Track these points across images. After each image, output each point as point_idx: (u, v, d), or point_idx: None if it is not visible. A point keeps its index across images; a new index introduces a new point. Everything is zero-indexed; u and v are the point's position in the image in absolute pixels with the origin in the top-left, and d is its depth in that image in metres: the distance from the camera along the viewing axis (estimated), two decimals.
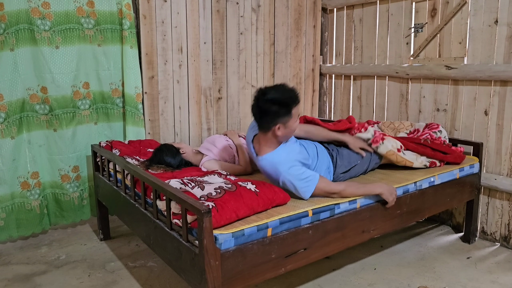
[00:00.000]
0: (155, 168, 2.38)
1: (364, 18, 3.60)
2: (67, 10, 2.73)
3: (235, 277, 1.66)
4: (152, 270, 2.48)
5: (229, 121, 3.54)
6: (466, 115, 2.93)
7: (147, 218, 2.02)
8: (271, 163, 2.08)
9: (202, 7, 3.25)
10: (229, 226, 1.70)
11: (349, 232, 2.07)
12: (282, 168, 2.04)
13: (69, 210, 2.94)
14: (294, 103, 2.03)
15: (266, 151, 2.11)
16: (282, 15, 3.70)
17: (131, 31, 2.92)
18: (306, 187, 2.01)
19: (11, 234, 2.76)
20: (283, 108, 2.00)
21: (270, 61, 3.70)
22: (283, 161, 2.05)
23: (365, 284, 2.32)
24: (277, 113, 2.00)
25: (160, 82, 3.14)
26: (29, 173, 2.77)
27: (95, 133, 2.98)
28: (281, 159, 2.06)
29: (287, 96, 2.01)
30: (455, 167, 2.61)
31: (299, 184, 2.01)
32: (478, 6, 2.77)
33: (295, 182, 2.01)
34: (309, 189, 2.02)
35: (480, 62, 2.80)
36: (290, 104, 2.01)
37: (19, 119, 2.69)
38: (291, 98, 2.02)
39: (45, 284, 2.33)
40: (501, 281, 2.35)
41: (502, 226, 2.80)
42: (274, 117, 2.01)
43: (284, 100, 2.00)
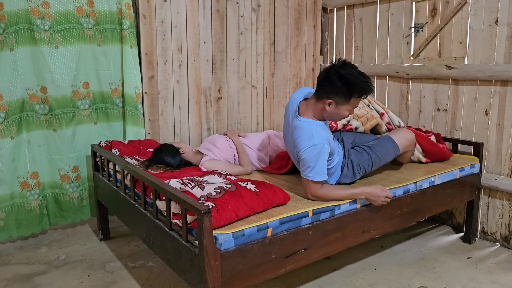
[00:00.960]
0: (155, 168, 2.38)
1: (364, 18, 3.60)
2: (67, 10, 2.73)
3: (235, 277, 1.66)
4: (152, 270, 2.47)
5: (229, 121, 3.54)
6: (466, 115, 2.93)
7: (146, 218, 2.02)
8: (307, 130, 2.04)
9: (202, 7, 3.25)
10: (229, 226, 1.70)
11: (349, 232, 2.06)
12: (311, 141, 2.00)
13: (68, 210, 2.93)
14: (358, 93, 2.00)
15: (309, 116, 2.10)
16: (282, 14, 3.70)
17: (131, 31, 2.92)
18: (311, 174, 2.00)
19: (10, 234, 2.75)
20: (345, 89, 1.98)
21: (270, 61, 3.70)
22: (316, 136, 2.01)
23: (365, 284, 2.31)
24: (337, 89, 1.99)
25: (160, 82, 3.14)
26: (29, 173, 2.76)
27: (95, 133, 2.98)
28: (317, 133, 2.03)
29: (357, 83, 1.97)
30: (455, 167, 2.61)
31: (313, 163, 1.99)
32: (478, 6, 2.76)
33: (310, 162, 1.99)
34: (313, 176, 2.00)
35: (480, 62, 2.79)
36: (354, 91, 1.98)
37: (18, 119, 2.69)
38: (358, 87, 1.98)
39: (45, 284, 2.33)
40: (502, 281, 2.34)
41: (503, 226, 2.80)
42: (332, 91, 2.00)
43: (351, 84, 1.97)
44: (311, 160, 2.01)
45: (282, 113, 3.86)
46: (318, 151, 2.00)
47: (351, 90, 1.99)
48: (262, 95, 3.70)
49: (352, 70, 2.00)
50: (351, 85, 1.97)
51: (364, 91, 2.01)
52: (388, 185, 2.26)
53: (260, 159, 2.67)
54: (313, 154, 2.01)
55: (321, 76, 2.05)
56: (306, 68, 3.95)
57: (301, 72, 3.92)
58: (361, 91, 2.00)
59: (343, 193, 2.07)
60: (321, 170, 2.02)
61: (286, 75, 3.82)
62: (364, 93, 2.01)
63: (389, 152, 2.39)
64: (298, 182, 2.40)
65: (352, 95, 2.00)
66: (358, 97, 2.02)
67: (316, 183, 2.03)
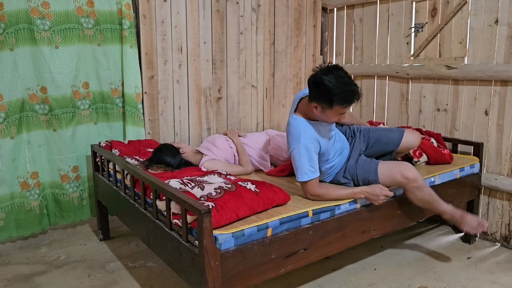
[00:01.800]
0: (155, 168, 2.38)
1: (364, 17, 3.60)
2: (67, 10, 2.73)
3: (235, 277, 1.66)
4: (152, 270, 2.47)
5: (229, 121, 3.53)
6: (466, 115, 2.93)
7: (146, 218, 2.02)
8: (296, 127, 2.09)
9: (202, 7, 3.25)
10: (229, 226, 1.70)
11: (349, 232, 2.06)
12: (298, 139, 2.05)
13: (68, 210, 2.93)
14: (338, 102, 1.95)
15: (302, 114, 2.14)
16: (282, 14, 3.70)
17: (131, 31, 2.92)
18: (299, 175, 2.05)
19: (10, 234, 2.75)
20: (326, 97, 1.96)
21: (270, 61, 3.70)
22: (303, 135, 2.05)
23: (365, 284, 2.31)
24: (319, 96, 1.99)
25: (160, 82, 3.14)
26: (29, 173, 2.76)
27: (95, 133, 2.98)
28: (305, 132, 2.06)
29: (336, 92, 1.93)
30: (455, 167, 2.61)
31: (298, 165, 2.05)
32: (478, 6, 2.76)
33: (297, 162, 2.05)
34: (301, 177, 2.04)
35: (480, 62, 2.79)
36: (333, 100, 1.95)
37: (18, 119, 2.69)
38: (337, 96, 1.93)
39: (45, 284, 2.33)
40: (502, 282, 2.34)
41: (503, 226, 2.80)
42: (315, 96, 2.01)
43: (331, 93, 1.93)
44: (298, 161, 2.04)
45: (282, 113, 3.86)
46: (304, 150, 2.03)
47: (332, 99, 1.95)
48: (262, 95, 3.70)
49: (334, 78, 1.94)
50: (330, 94, 1.94)
51: (345, 101, 1.96)
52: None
53: (260, 159, 2.67)
54: (299, 153, 2.04)
55: (309, 79, 2.04)
56: (306, 68, 3.95)
57: (301, 72, 3.92)
58: (341, 100, 1.95)
59: (342, 192, 2.07)
60: (307, 169, 2.03)
61: (286, 75, 3.82)
62: (344, 102, 1.97)
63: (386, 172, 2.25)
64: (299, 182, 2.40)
65: (333, 103, 1.96)
66: (340, 105, 1.97)
67: (308, 183, 2.03)
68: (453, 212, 2.23)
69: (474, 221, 2.20)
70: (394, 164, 2.20)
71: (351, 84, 1.98)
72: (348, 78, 1.99)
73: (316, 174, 2.05)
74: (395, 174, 2.13)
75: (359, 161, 2.29)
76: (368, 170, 2.21)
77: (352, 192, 2.07)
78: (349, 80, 1.98)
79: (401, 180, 2.12)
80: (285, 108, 3.87)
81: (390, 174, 2.14)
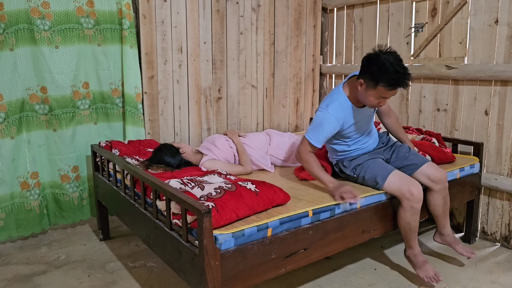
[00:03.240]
0: (155, 168, 2.38)
1: (364, 17, 3.60)
2: (67, 10, 2.73)
3: (235, 277, 1.66)
4: (152, 270, 2.47)
5: (229, 121, 3.53)
6: (466, 115, 2.93)
7: (147, 218, 2.02)
8: (334, 97, 2.19)
9: (202, 7, 3.25)
10: (229, 226, 1.70)
11: (349, 232, 2.06)
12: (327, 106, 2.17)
13: (68, 210, 2.93)
14: (385, 81, 1.95)
15: (347, 91, 2.20)
16: (282, 14, 3.70)
17: (131, 31, 2.92)
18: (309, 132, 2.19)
19: (10, 234, 2.75)
20: (375, 73, 1.97)
21: (270, 61, 3.70)
22: (334, 107, 2.14)
23: (365, 284, 2.31)
24: (368, 70, 2.01)
25: (160, 82, 3.14)
26: (29, 173, 2.76)
27: (95, 133, 2.98)
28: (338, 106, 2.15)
29: (387, 70, 1.94)
30: (455, 167, 2.61)
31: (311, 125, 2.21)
32: (478, 6, 2.76)
33: (314, 122, 2.20)
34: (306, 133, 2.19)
35: (480, 62, 2.79)
36: (381, 78, 1.96)
37: (18, 119, 2.69)
38: (386, 75, 1.94)
39: (45, 284, 2.33)
40: (502, 281, 2.34)
41: (503, 226, 2.80)
42: (365, 71, 2.04)
43: (382, 69, 1.95)
44: (313, 122, 2.19)
45: (282, 113, 3.86)
46: (324, 119, 2.15)
47: (379, 76, 1.96)
48: (262, 95, 3.70)
49: (392, 57, 1.97)
50: (381, 70, 1.95)
51: (391, 82, 1.96)
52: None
53: (260, 159, 2.67)
54: (319, 118, 2.17)
55: (364, 57, 2.08)
56: (306, 68, 3.95)
57: (301, 72, 3.92)
58: (388, 80, 1.95)
59: (320, 174, 2.17)
60: (318, 134, 2.15)
61: (286, 75, 3.82)
62: (390, 84, 1.97)
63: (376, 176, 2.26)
64: (299, 182, 2.41)
65: (379, 82, 1.97)
66: (385, 86, 1.97)
67: (305, 142, 2.17)
68: (419, 254, 2.26)
69: (431, 271, 2.20)
70: (407, 178, 2.18)
71: (405, 69, 1.98)
72: (404, 65, 1.99)
73: (317, 144, 2.16)
74: (403, 186, 2.12)
75: (376, 162, 2.28)
76: (381, 171, 2.21)
77: (323, 180, 2.15)
78: (404, 66, 1.98)
79: (406, 194, 2.11)
80: (285, 108, 3.87)
81: (400, 184, 2.13)
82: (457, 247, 2.38)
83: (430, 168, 2.27)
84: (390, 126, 2.55)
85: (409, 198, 2.10)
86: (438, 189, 2.27)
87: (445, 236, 2.41)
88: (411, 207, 2.12)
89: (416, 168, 2.28)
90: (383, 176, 2.18)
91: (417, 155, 2.39)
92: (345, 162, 2.36)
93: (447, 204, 2.35)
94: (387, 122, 2.55)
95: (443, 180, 2.28)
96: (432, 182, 2.26)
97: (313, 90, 4.05)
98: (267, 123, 3.78)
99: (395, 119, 2.55)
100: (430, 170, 2.27)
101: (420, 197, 2.12)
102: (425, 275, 2.20)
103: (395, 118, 2.56)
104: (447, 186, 2.32)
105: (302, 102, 3.98)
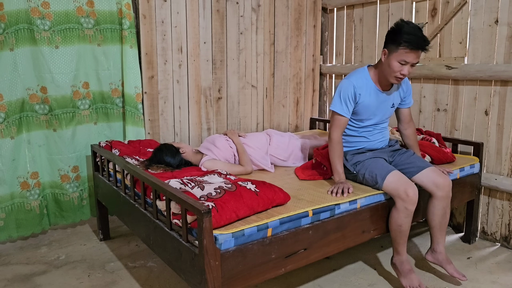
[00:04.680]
0: (155, 168, 2.38)
1: (364, 17, 3.60)
2: (67, 10, 2.73)
3: (235, 277, 1.66)
4: (152, 270, 2.47)
5: (229, 121, 3.53)
6: (466, 115, 2.93)
7: (147, 218, 2.02)
8: (358, 70, 2.33)
9: (202, 7, 3.25)
10: (229, 226, 1.70)
11: (349, 232, 2.06)
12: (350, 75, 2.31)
13: (68, 210, 2.93)
14: (406, 41, 2.05)
15: (372, 71, 2.31)
16: (282, 14, 3.70)
17: (131, 31, 2.92)
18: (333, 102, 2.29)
19: (10, 234, 2.75)
20: (396, 34, 2.08)
21: (270, 61, 3.70)
22: (357, 78, 2.27)
23: (365, 284, 2.31)
24: (391, 34, 2.13)
25: (160, 82, 3.14)
26: (29, 173, 2.76)
27: (95, 133, 2.98)
28: (360, 78, 2.27)
29: (408, 31, 2.05)
30: (455, 167, 2.61)
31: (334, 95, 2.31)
32: (478, 6, 2.76)
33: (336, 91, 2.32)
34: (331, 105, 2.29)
35: (480, 62, 2.79)
36: (403, 37, 2.06)
37: (18, 119, 2.69)
38: (407, 34, 2.04)
39: (45, 284, 2.33)
40: (502, 281, 2.34)
41: (503, 226, 2.80)
42: (389, 37, 2.16)
43: (403, 29, 2.06)
44: (336, 91, 2.30)
45: (282, 113, 3.86)
46: (344, 84, 2.27)
47: (402, 37, 2.05)
48: (262, 95, 3.70)
49: (414, 24, 2.09)
50: (402, 31, 2.06)
51: (413, 43, 2.04)
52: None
53: (260, 159, 2.67)
54: (340, 84, 2.29)
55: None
56: (306, 68, 3.95)
57: (301, 72, 3.92)
58: (409, 41, 2.04)
59: (334, 159, 2.28)
60: (339, 99, 2.26)
61: (286, 75, 3.82)
62: (411, 45, 2.04)
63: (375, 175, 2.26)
64: (299, 182, 2.41)
65: (401, 42, 2.05)
66: (406, 47, 2.05)
67: (332, 115, 2.28)
68: (406, 261, 2.22)
69: (415, 281, 2.16)
70: (405, 179, 2.17)
71: (425, 36, 2.08)
72: (414, 25, 2.10)
73: (344, 113, 2.26)
74: (400, 186, 2.11)
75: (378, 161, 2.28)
76: (381, 170, 2.20)
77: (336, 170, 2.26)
78: (422, 33, 2.08)
79: (401, 194, 2.09)
80: (285, 108, 3.88)
81: (397, 184, 2.12)
82: (448, 267, 2.26)
83: (434, 173, 2.23)
84: (406, 137, 2.52)
85: (404, 199, 2.09)
86: (440, 196, 2.19)
87: (437, 254, 2.30)
88: (404, 208, 2.10)
89: (418, 170, 2.25)
90: (383, 175, 2.18)
91: (422, 159, 2.36)
92: (348, 155, 2.38)
93: (445, 217, 2.25)
94: (405, 132, 2.51)
95: (447, 187, 2.20)
96: (435, 186, 2.19)
97: (313, 90, 4.05)
98: (267, 123, 3.78)
99: (413, 131, 2.51)
100: (434, 174, 2.22)
101: (415, 199, 2.09)
102: (409, 284, 2.16)
103: (413, 130, 2.51)
104: (449, 196, 2.22)
105: (302, 102, 3.98)
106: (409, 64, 2.11)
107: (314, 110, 4.09)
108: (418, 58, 2.12)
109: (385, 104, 2.34)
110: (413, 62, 2.12)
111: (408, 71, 2.13)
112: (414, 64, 2.13)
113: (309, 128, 4.06)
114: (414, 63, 2.12)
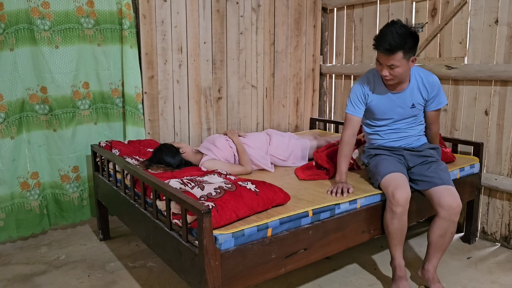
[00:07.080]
0: (155, 168, 2.38)
1: (364, 17, 3.60)
2: (67, 10, 2.73)
3: (235, 277, 1.66)
4: (152, 270, 2.47)
5: (229, 121, 3.53)
6: (466, 115, 2.93)
7: (147, 218, 2.02)
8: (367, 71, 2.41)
9: (202, 7, 3.25)
10: (229, 226, 1.70)
11: (349, 232, 2.06)
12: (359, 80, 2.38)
13: (69, 210, 2.93)
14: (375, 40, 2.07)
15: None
16: (282, 14, 3.70)
17: (131, 31, 2.92)
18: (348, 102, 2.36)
19: (10, 234, 2.75)
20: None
21: (270, 61, 3.70)
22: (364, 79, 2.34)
23: (365, 284, 2.31)
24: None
25: (160, 82, 3.14)
26: (29, 173, 2.76)
27: (95, 133, 2.98)
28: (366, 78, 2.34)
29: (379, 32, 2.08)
30: (455, 167, 2.61)
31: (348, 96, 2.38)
32: (478, 6, 2.76)
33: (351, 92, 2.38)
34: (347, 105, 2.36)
35: (480, 62, 2.79)
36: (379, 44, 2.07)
37: (18, 119, 2.69)
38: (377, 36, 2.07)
39: (45, 284, 2.33)
40: (502, 281, 2.34)
41: (503, 226, 2.80)
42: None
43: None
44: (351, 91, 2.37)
45: (282, 113, 3.86)
46: (353, 86, 2.36)
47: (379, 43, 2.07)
48: (262, 95, 3.70)
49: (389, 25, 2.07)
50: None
51: (375, 40, 2.07)
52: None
53: (260, 159, 2.67)
54: (352, 87, 2.37)
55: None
56: (306, 68, 3.95)
57: (301, 72, 3.92)
58: (375, 39, 2.07)
59: (340, 159, 2.33)
60: (350, 101, 2.34)
61: (286, 75, 3.82)
62: (374, 43, 2.07)
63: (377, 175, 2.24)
64: (299, 182, 2.41)
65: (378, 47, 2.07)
66: (375, 48, 2.07)
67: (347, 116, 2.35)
68: (399, 266, 2.17)
69: None
70: (401, 181, 2.11)
71: (387, 30, 2.03)
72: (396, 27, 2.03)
73: (355, 113, 2.32)
74: (390, 187, 2.09)
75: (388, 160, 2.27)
76: (386, 169, 2.19)
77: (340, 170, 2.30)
78: (391, 28, 2.03)
79: (389, 194, 2.07)
80: (285, 108, 3.88)
81: (389, 185, 2.10)
82: (433, 287, 2.14)
83: (445, 192, 2.09)
84: (426, 137, 2.46)
85: (390, 200, 2.08)
86: (442, 216, 2.08)
87: (425, 271, 2.18)
88: (390, 209, 2.08)
89: (431, 186, 2.14)
90: (382, 174, 2.17)
91: (445, 176, 2.18)
92: (366, 148, 2.46)
93: (444, 238, 2.11)
94: (427, 132, 2.45)
95: (452, 210, 2.06)
96: (438, 205, 2.09)
97: (313, 90, 4.05)
98: (267, 123, 3.78)
99: (434, 133, 2.44)
100: (444, 193, 2.09)
101: (401, 203, 2.04)
102: None
103: (435, 132, 2.44)
104: (453, 220, 2.07)
105: (302, 102, 3.98)
106: (385, 66, 2.07)
107: (314, 110, 4.09)
108: (390, 60, 2.02)
109: (400, 104, 2.26)
110: (386, 64, 2.05)
111: (389, 72, 2.08)
112: (393, 67, 2.04)
113: (309, 128, 4.06)
114: (388, 64, 2.05)
